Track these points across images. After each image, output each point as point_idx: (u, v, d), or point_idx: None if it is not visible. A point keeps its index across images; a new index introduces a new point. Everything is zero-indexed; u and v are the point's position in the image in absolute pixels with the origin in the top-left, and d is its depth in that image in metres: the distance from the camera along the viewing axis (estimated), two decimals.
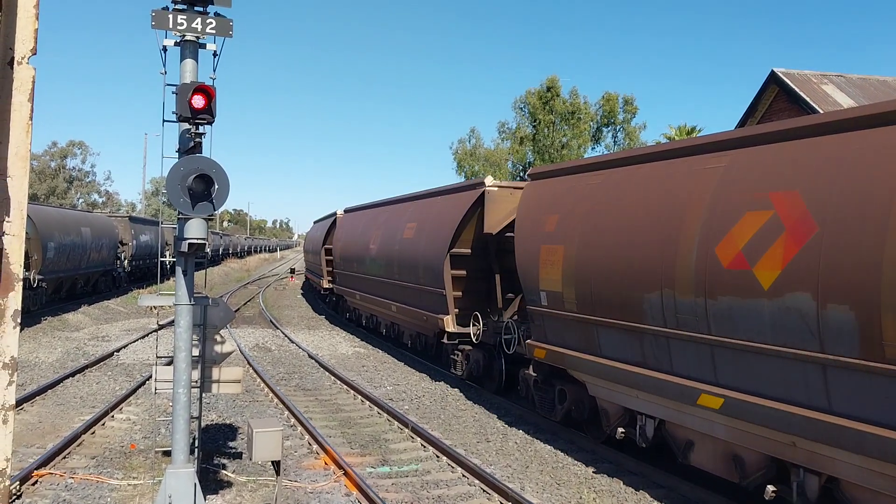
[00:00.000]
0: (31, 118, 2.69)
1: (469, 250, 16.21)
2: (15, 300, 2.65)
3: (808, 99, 20.87)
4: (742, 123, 22.65)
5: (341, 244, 27.54)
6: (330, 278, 31.40)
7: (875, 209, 6.58)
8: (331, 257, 30.88)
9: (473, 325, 15.78)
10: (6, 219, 2.62)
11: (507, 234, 14.53)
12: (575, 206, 11.22)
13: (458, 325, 16.25)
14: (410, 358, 20.41)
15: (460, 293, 16.48)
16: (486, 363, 15.77)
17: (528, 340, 12.57)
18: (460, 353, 16.63)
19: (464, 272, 16.39)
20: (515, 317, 14.95)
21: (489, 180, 15.74)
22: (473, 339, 15.76)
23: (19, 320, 2.69)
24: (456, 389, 16.11)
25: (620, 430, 10.40)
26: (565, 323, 11.23)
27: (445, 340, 16.67)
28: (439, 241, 16.58)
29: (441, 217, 17.19)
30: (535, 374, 12.83)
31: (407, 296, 19.11)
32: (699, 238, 8.42)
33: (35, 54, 2.70)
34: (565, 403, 12.12)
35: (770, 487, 7.91)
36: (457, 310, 16.33)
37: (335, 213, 31.29)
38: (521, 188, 14.05)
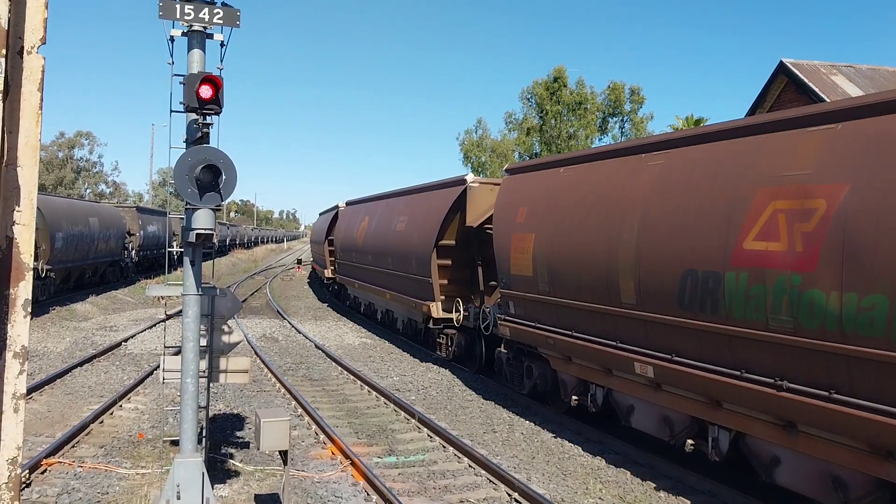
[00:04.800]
0: (40, 108, 2.68)
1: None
2: (25, 290, 2.65)
3: (816, 89, 20.65)
4: (751, 114, 22.50)
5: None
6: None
7: None
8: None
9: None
10: (16, 208, 2.61)
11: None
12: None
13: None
14: (417, 349, 20.47)
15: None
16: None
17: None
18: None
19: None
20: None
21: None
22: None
23: (30, 310, 2.69)
24: (459, 379, 16.15)
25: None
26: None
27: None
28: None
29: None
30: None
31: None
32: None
33: (44, 44, 2.69)
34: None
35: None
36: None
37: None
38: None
